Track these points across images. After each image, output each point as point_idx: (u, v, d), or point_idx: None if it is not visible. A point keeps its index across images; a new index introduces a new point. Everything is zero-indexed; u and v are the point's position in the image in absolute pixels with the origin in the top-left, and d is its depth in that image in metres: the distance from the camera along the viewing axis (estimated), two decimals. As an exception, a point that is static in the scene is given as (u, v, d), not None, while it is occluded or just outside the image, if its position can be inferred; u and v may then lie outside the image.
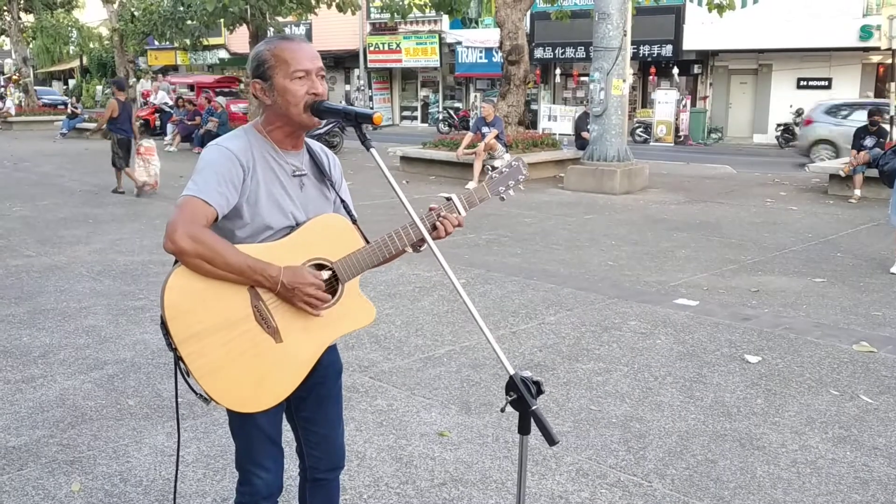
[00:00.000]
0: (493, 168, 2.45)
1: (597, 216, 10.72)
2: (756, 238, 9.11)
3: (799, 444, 3.91)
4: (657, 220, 10.32)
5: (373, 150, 2.12)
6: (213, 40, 30.13)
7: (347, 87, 33.83)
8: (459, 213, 2.31)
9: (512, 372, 1.92)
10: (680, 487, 3.48)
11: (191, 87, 28.01)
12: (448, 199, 2.32)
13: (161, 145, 20.68)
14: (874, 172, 11.95)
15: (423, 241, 2.27)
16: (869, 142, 12.21)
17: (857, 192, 11.97)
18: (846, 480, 3.55)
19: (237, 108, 24.75)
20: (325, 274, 2.19)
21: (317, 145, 2.41)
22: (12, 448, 3.80)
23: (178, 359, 2.07)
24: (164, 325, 2.05)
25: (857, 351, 5.24)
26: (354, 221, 2.35)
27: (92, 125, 23.96)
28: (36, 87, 33.06)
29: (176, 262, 2.08)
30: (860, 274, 7.37)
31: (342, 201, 2.38)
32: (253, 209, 2.16)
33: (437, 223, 2.26)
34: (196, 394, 2.11)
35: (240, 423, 2.30)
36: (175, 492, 2.54)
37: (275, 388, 2.14)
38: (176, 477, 2.52)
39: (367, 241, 2.27)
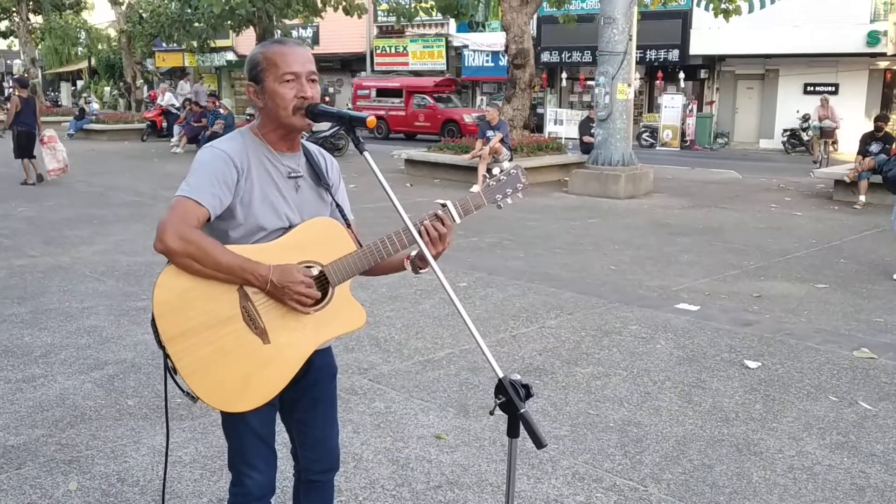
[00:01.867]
0: (492, 174, 2.43)
1: (600, 220, 10.71)
2: (759, 243, 9.10)
3: (796, 449, 3.90)
4: (661, 225, 10.32)
5: (366, 153, 2.13)
6: (220, 42, 30.23)
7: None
8: (454, 220, 2.31)
9: (501, 375, 1.92)
10: (676, 492, 3.48)
11: (393, 90, 25.77)
12: (443, 205, 2.32)
13: (167, 147, 20.81)
14: (880, 178, 11.94)
15: (423, 261, 2.28)
16: (875, 147, 12.17)
17: (862, 198, 11.94)
18: (842, 487, 3.55)
19: (470, 118, 22.99)
20: (315, 271, 2.20)
21: (314, 147, 2.42)
22: (11, 447, 3.82)
23: (165, 356, 2.09)
24: (153, 321, 2.07)
25: (858, 357, 5.23)
26: (349, 225, 2.36)
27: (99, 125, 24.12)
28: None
29: (169, 261, 2.09)
30: (863, 280, 7.35)
31: (338, 205, 2.38)
32: (246, 210, 2.17)
33: (422, 227, 2.25)
34: (183, 392, 2.13)
35: (232, 423, 2.31)
36: (164, 490, 2.55)
37: (261, 388, 2.15)
38: (165, 475, 2.54)
39: (360, 246, 2.27)
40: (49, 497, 3.37)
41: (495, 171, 2.42)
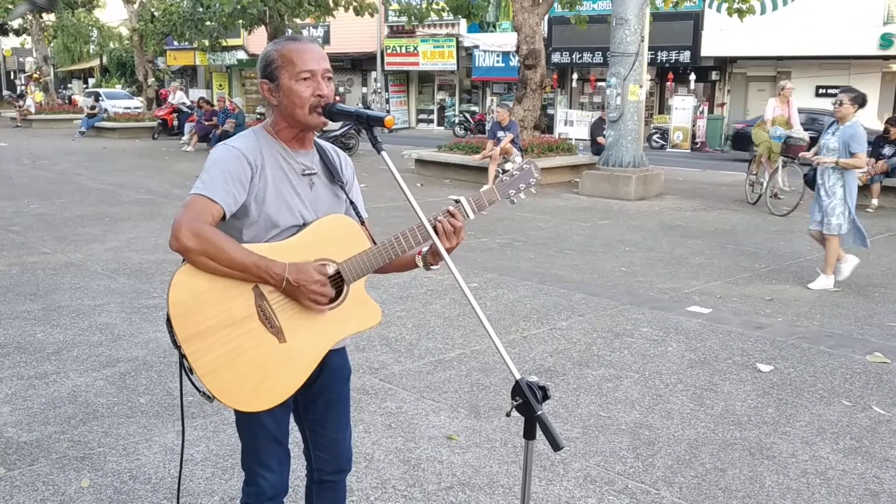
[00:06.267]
0: (505, 171, 2.43)
1: (611, 222, 10.68)
2: (771, 246, 9.05)
3: (809, 454, 3.88)
4: (672, 227, 10.28)
5: (384, 152, 2.12)
6: (231, 41, 30.29)
7: (364, 90, 33.91)
8: (467, 216, 2.31)
9: (518, 377, 1.92)
10: (688, 496, 3.47)
11: None
12: (457, 201, 2.32)
13: (178, 145, 20.88)
14: (893, 182, 11.88)
15: (435, 256, 2.28)
16: (888, 150, 12.10)
17: (875, 201, 11.86)
18: (856, 492, 3.52)
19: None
20: (331, 269, 2.19)
21: (329, 146, 2.42)
22: (24, 443, 3.83)
23: (181, 356, 2.09)
24: (168, 322, 2.07)
25: (871, 362, 5.20)
26: (363, 223, 2.36)
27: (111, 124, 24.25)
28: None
29: (184, 259, 2.09)
30: (876, 284, 7.31)
31: (352, 203, 2.38)
32: (261, 207, 2.17)
33: (436, 223, 2.25)
34: (199, 391, 2.13)
35: (246, 423, 2.31)
36: (179, 489, 2.55)
37: (277, 387, 2.15)
38: (180, 474, 2.53)
39: (375, 243, 2.27)
40: (61, 494, 3.38)
41: (508, 166, 2.42)
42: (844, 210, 7.03)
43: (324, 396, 2.40)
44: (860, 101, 7.01)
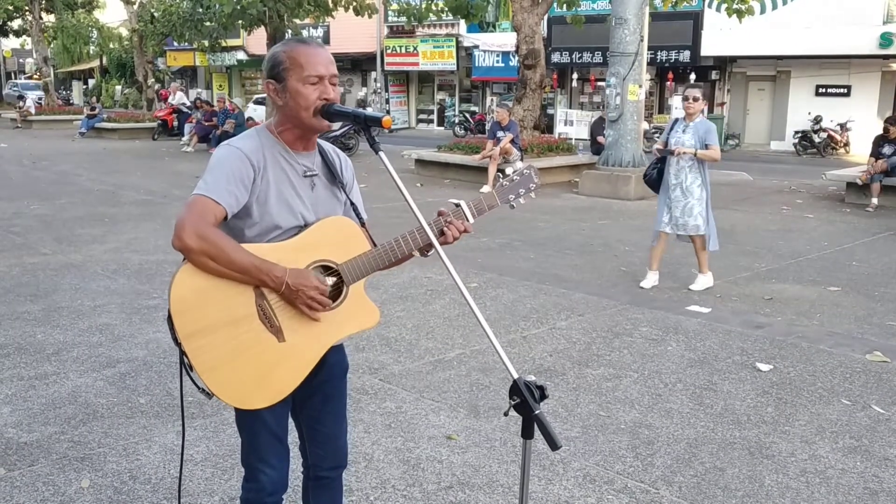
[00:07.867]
0: (505, 175, 2.44)
1: (611, 222, 10.69)
2: (771, 245, 9.05)
3: (808, 453, 3.88)
4: (671, 227, 10.26)
5: (381, 153, 2.13)
6: (231, 42, 30.28)
7: (364, 90, 33.91)
8: (467, 220, 2.32)
9: (515, 376, 1.92)
10: (687, 495, 3.47)
11: None
12: (457, 205, 2.33)
13: (178, 146, 20.89)
14: (893, 181, 11.87)
15: (431, 245, 2.28)
16: (887, 150, 12.08)
17: (875, 200, 11.86)
18: (855, 491, 3.53)
19: None
20: (331, 280, 2.21)
21: (329, 147, 2.43)
22: (24, 444, 3.84)
23: (181, 353, 2.10)
24: (170, 319, 2.08)
25: (871, 361, 5.20)
26: (363, 224, 2.37)
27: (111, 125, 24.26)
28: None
29: (185, 258, 2.10)
30: (875, 283, 7.31)
31: (352, 204, 2.39)
32: (262, 208, 2.18)
33: (445, 228, 2.28)
34: (198, 388, 2.14)
35: (246, 420, 2.32)
36: (179, 489, 2.55)
37: (276, 385, 2.16)
38: (181, 472, 2.54)
39: (375, 245, 2.28)
40: (62, 494, 3.38)
41: (508, 171, 2.43)
42: (703, 210, 7.02)
43: (321, 392, 2.41)
44: (706, 97, 7.09)
